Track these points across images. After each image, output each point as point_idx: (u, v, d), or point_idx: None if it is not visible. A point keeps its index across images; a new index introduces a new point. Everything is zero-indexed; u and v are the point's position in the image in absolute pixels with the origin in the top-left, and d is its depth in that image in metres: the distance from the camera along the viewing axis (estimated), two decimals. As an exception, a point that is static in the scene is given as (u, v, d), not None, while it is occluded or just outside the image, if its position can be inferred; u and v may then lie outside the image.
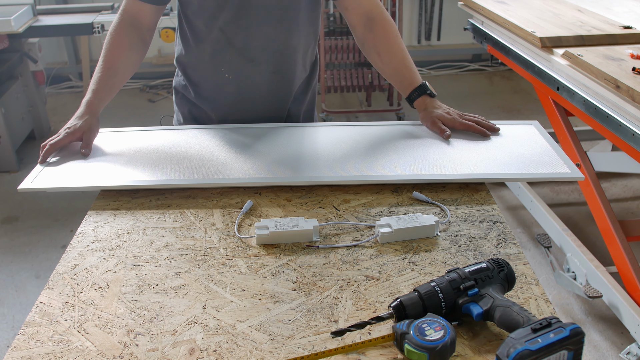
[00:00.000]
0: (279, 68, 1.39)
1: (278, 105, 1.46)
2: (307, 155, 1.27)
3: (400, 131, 1.38)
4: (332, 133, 1.37)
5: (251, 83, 1.40)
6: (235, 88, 1.40)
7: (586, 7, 2.52)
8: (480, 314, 0.81)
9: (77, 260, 1.00)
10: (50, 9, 3.56)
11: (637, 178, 3.14)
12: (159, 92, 4.46)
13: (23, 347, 0.82)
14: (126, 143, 1.35)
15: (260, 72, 1.39)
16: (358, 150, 1.29)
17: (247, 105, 1.43)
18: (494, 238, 1.05)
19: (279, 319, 0.87)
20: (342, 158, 1.25)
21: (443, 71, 4.76)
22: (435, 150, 1.29)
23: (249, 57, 1.36)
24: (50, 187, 1.18)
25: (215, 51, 1.36)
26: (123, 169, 1.23)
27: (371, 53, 1.42)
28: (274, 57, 1.38)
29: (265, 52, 1.36)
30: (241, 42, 1.34)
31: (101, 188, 1.19)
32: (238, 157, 1.26)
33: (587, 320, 2.24)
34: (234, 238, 1.06)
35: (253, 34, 1.33)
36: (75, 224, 1.13)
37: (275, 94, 1.43)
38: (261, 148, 1.30)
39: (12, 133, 3.37)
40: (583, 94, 1.93)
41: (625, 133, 1.74)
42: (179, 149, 1.31)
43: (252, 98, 1.42)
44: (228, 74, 1.38)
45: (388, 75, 1.43)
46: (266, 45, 1.35)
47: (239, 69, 1.38)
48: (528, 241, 2.72)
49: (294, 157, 1.26)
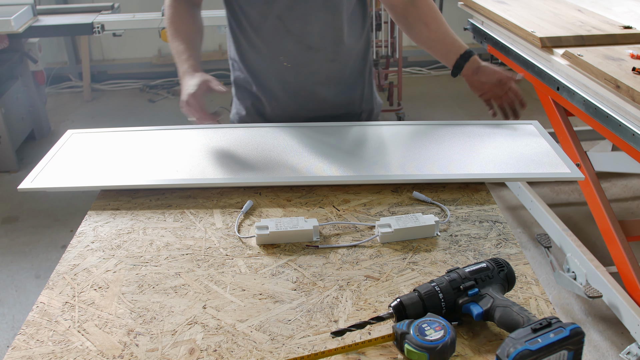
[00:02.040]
0: (337, 56, 1.40)
1: (338, 94, 1.45)
2: (308, 154, 1.27)
3: (400, 131, 1.38)
4: (333, 133, 1.37)
5: (310, 71, 1.40)
6: (294, 77, 1.40)
7: (586, 7, 2.52)
8: (480, 314, 0.81)
9: (77, 260, 1.00)
10: (50, 9, 3.55)
11: (637, 178, 3.13)
12: (159, 92, 4.46)
13: (23, 347, 0.82)
14: (126, 143, 1.35)
15: (318, 60, 1.39)
16: (358, 150, 1.29)
17: (307, 95, 1.43)
18: (494, 238, 1.05)
19: (279, 319, 0.87)
20: (342, 158, 1.25)
21: (443, 71, 4.76)
22: (435, 150, 1.29)
23: (307, 44, 1.36)
24: (50, 187, 1.18)
25: (273, 39, 1.36)
26: (123, 169, 1.23)
27: (416, 24, 1.43)
28: (332, 45, 1.38)
29: (323, 39, 1.36)
30: (299, 29, 1.34)
31: (101, 188, 1.19)
32: (238, 157, 1.26)
33: (587, 320, 2.24)
34: (234, 238, 1.06)
35: (310, 21, 1.33)
36: (75, 224, 1.12)
37: (335, 83, 1.44)
38: (261, 147, 1.30)
39: (12, 133, 3.37)
40: (583, 94, 1.93)
41: (625, 133, 1.74)
42: (180, 148, 1.31)
43: (311, 87, 1.42)
44: (287, 63, 1.38)
45: (436, 41, 1.44)
46: (324, 32, 1.35)
47: (298, 57, 1.38)
48: (528, 241, 2.72)
49: (295, 157, 1.26)
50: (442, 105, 4.20)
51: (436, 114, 4.04)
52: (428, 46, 1.45)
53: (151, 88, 4.52)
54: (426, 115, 4.06)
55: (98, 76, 4.59)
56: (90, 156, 1.28)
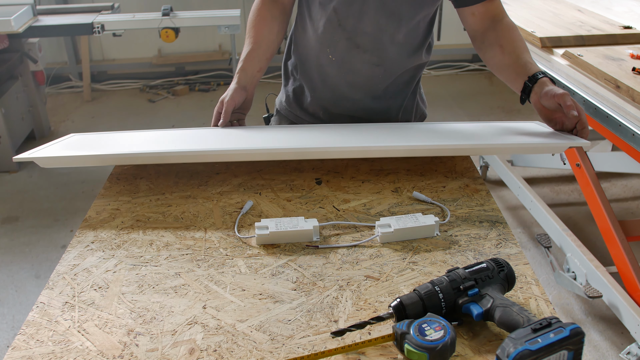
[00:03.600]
0: (383, 62, 1.39)
1: (375, 99, 1.45)
2: (315, 138, 1.30)
3: (401, 127, 1.38)
4: (334, 133, 1.37)
5: (352, 69, 1.40)
6: (336, 71, 1.41)
7: (586, 7, 2.52)
8: (480, 314, 0.81)
9: (77, 260, 1.00)
10: (50, 9, 3.55)
11: (637, 178, 3.13)
12: (159, 92, 4.45)
13: (23, 347, 0.82)
14: (127, 143, 1.34)
15: (363, 61, 1.39)
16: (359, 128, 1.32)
17: (343, 92, 1.44)
18: (494, 238, 1.05)
19: (279, 319, 0.87)
20: (346, 134, 1.27)
21: (443, 71, 4.76)
22: (440, 131, 1.31)
23: (356, 42, 1.36)
24: (47, 156, 1.17)
25: (325, 30, 1.37)
26: (130, 146, 1.23)
27: (493, 46, 1.34)
28: (381, 49, 1.37)
29: (373, 41, 1.36)
30: (351, 26, 1.34)
31: (96, 156, 1.18)
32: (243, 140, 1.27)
33: (587, 320, 2.24)
34: (234, 238, 1.06)
35: (364, 20, 1.33)
36: (75, 224, 1.13)
37: (374, 87, 1.43)
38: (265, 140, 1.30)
39: (12, 133, 3.37)
40: (583, 94, 1.93)
41: (625, 133, 1.74)
42: (187, 139, 1.32)
43: (350, 85, 1.42)
44: (332, 56, 1.39)
45: (507, 63, 1.31)
46: (375, 34, 1.35)
47: (344, 53, 1.38)
48: (528, 241, 2.72)
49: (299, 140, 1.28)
50: (442, 105, 4.20)
51: (436, 114, 4.04)
52: (500, 71, 1.34)
53: (151, 88, 4.52)
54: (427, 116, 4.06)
55: (98, 76, 4.60)
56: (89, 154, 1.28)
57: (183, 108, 4.22)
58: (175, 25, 3.23)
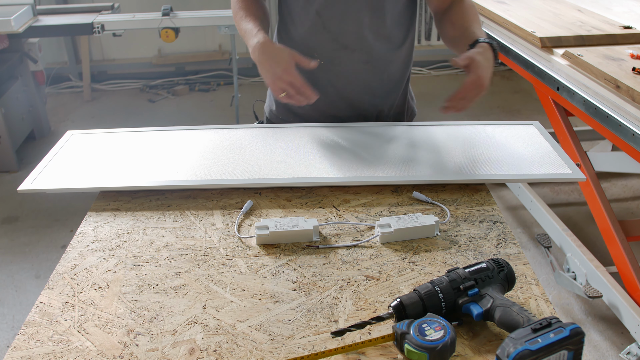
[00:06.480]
0: (371, 58, 1.39)
1: (367, 98, 1.45)
2: (308, 155, 1.27)
3: (400, 131, 1.38)
4: (335, 133, 1.37)
5: (342, 71, 1.40)
6: (326, 74, 1.40)
7: (586, 7, 2.52)
8: (480, 314, 0.81)
9: (77, 260, 1.00)
10: (50, 9, 3.55)
11: (637, 178, 3.13)
12: (159, 92, 4.45)
13: (23, 347, 0.82)
14: (126, 144, 1.34)
15: (352, 61, 1.39)
16: (359, 150, 1.29)
17: (337, 94, 1.43)
18: (494, 238, 1.05)
19: (279, 319, 0.87)
20: (343, 158, 1.25)
21: (443, 71, 4.76)
22: (435, 150, 1.29)
23: (343, 43, 1.36)
24: (50, 188, 1.18)
25: (310, 34, 1.37)
26: (123, 170, 1.23)
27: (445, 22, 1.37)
28: (368, 46, 1.37)
29: (359, 40, 1.36)
30: (336, 27, 1.34)
31: (101, 189, 1.19)
32: (238, 157, 1.26)
33: (587, 320, 2.24)
34: (234, 238, 1.06)
35: (348, 20, 1.33)
36: (75, 224, 1.12)
37: (366, 85, 1.43)
38: (261, 148, 1.30)
39: (12, 133, 3.37)
40: (583, 94, 1.93)
41: (625, 133, 1.74)
42: (180, 149, 1.31)
43: (342, 86, 1.42)
44: (320, 59, 1.37)
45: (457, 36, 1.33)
46: (360, 32, 1.35)
47: (332, 55, 1.38)
48: (528, 241, 2.72)
49: (295, 158, 1.26)
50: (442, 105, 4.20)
51: (436, 114, 4.04)
52: (451, 44, 1.37)
53: (151, 88, 4.52)
54: (426, 115, 4.05)
55: (98, 76, 4.59)
56: (90, 157, 1.29)
57: (183, 108, 4.22)
58: (175, 25, 3.22)
